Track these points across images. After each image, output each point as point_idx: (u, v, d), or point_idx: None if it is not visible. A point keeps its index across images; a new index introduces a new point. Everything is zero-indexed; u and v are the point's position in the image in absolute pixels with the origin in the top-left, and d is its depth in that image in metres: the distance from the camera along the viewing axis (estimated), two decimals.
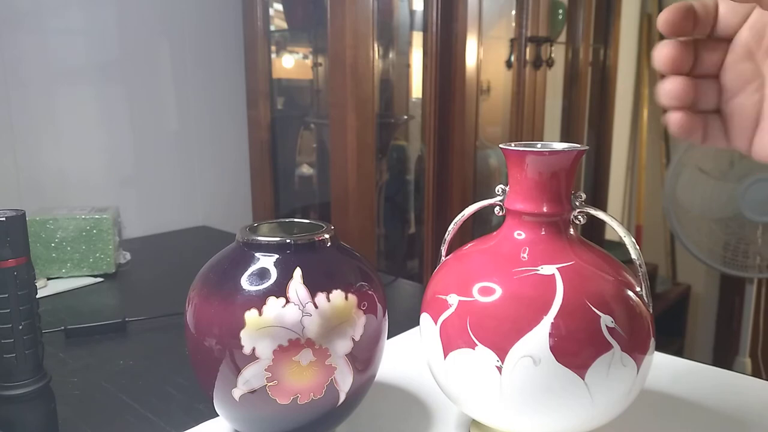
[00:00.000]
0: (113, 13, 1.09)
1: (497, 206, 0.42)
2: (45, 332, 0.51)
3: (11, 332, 0.40)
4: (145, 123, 1.17)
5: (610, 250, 0.42)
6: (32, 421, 0.42)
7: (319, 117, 1.37)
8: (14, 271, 0.40)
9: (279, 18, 1.35)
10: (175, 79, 1.20)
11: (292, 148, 1.39)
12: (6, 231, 0.39)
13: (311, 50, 1.40)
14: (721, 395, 0.52)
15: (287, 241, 0.40)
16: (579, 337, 0.35)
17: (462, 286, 0.39)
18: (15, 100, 0.99)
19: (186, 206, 1.25)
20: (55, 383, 0.44)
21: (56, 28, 1.02)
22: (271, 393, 0.38)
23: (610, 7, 1.71)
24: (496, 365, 0.36)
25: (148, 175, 1.18)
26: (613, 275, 0.38)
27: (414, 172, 1.40)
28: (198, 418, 0.49)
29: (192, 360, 0.41)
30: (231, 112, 1.31)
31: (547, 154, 0.38)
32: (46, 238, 0.84)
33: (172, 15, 1.18)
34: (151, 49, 1.16)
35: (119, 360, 0.60)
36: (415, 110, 1.38)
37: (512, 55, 1.33)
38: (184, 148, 1.23)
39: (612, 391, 0.37)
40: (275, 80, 1.34)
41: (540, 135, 1.38)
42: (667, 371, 0.56)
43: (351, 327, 0.39)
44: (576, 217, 0.40)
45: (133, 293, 0.85)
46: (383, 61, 1.36)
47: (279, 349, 0.37)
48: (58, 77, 1.03)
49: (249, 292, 0.38)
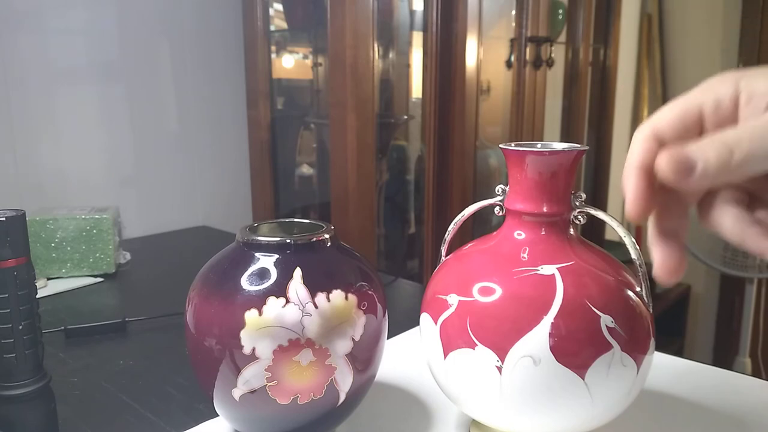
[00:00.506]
0: (113, 13, 1.09)
1: (497, 206, 0.42)
2: (45, 332, 0.51)
3: (11, 332, 0.40)
4: (145, 123, 1.17)
5: (610, 250, 0.42)
6: (32, 421, 0.42)
7: (319, 117, 1.37)
8: (14, 271, 0.40)
9: (279, 18, 1.35)
10: (175, 79, 1.20)
11: (292, 148, 1.39)
12: (6, 231, 0.39)
13: (311, 50, 1.41)
14: (721, 395, 0.52)
15: (287, 241, 0.40)
16: (579, 337, 0.35)
17: (462, 286, 0.39)
18: (15, 100, 0.99)
19: (186, 206, 1.25)
20: (55, 383, 0.44)
21: (56, 28, 1.02)
22: (271, 393, 0.38)
23: (610, 7, 1.71)
24: (496, 365, 0.36)
25: (148, 175, 1.18)
26: (613, 275, 0.38)
27: (414, 172, 1.40)
28: (198, 418, 0.49)
29: (192, 360, 0.41)
30: (231, 112, 1.31)
31: (547, 154, 0.38)
32: (46, 238, 0.84)
33: (172, 15, 1.18)
34: (151, 49, 1.16)
35: (119, 360, 0.60)
36: (415, 110, 1.38)
37: (512, 55, 1.33)
38: (184, 148, 1.23)
39: (612, 391, 0.37)
40: (275, 80, 1.34)
41: (540, 135, 1.38)
42: (667, 371, 0.56)
43: (351, 327, 0.39)
44: (576, 217, 0.40)
45: (133, 293, 0.85)
46: (383, 61, 1.36)
47: (279, 349, 0.37)
48: (58, 77, 1.03)
49: (249, 292, 0.38)
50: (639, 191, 0.32)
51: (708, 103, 0.31)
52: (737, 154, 0.28)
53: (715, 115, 0.31)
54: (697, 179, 0.29)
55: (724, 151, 0.28)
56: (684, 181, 0.29)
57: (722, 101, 0.31)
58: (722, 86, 0.31)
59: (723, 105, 0.31)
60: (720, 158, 0.28)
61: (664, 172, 0.29)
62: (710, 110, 0.31)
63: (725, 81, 0.31)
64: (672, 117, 0.32)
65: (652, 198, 0.32)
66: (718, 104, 0.31)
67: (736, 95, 0.31)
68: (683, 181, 0.29)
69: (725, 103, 0.31)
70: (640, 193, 0.32)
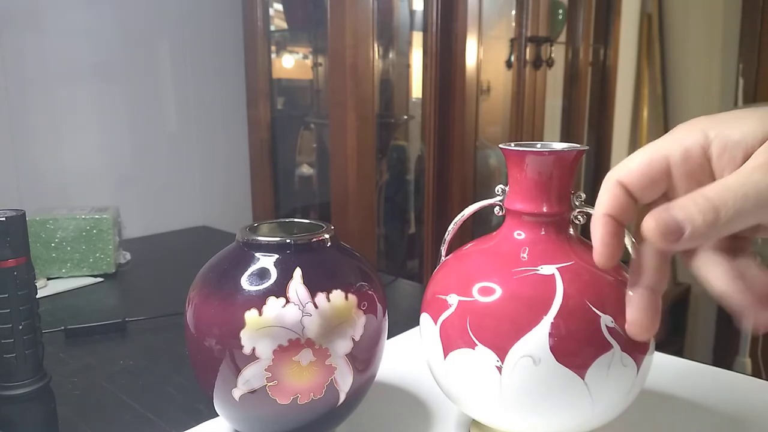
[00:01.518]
0: (113, 13, 1.09)
1: (497, 206, 0.42)
2: (45, 332, 0.51)
3: (11, 332, 0.40)
4: (145, 123, 1.17)
5: None
6: (32, 421, 0.42)
7: (319, 117, 1.38)
8: (14, 271, 0.40)
9: (279, 18, 1.35)
10: (174, 79, 1.20)
11: (292, 148, 1.39)
12: (6, 231, 0.39)
13: (311, 50, 1.41)
14: (721, 395, 0.52)
15: (287, 241, 0.40)
16: (579, 337, 0.35)
17: (462, 286, 0.39)
18: (15, 100, 0.99)
19: (186, 206, 1.25)
20: (55, 383, 0.44)
21: (56, 28, 1.02)
22: (271, 393, 0.38)
23: (610, 7, 1.71)
24: (496, 365, 0.36)
25: (148, 174, 1.18)
26: (613, 275, 0.38)
27: (414, 172, 1.40)
28: (198, 418, 0.49)
29: (192, 360, 0.41)
30: (231, 112, 1.31)
31: (547, 154, 0.38)
32: (46, 238, 0.84)
33: (171, 15, 1.18)
34: (150, 49, 1.16)
35: (119, 360, 0.60)
36: (415, 110, 1.38)
37: (512, 55, 1.33)
38: (184, 148, 1.23)
39: (612, 391, 0.37)
40: (275, 80, 1.34)
41: (540, 135, 1.38)
42: (667, 371, 0.56)
43: (351, 327, 0.39)
44: (576, 217, 0.40)
45: (133, 293, 0.85)
46: (383, 61, 1.36)
47: (279, 349, 0.37)
48: (58, 77, 1.03)
49: (249, 292, 0.38)
50: (605, 238, 0.32)
51: (675, 153, 0.31)
52: (724, 213, 0.27)
53: (683, 165, 0.31)
54: (685, 243, 0.28)
55: (709, 211, 0.27)
56: (671, 246, 0.28)
57: (691, 151, 0.30)
58: (690, 136, 0.30)
59: (692, 155, 0.30)
60: (707, 221, 0.27)
61: (651, 236, 0.28)
62: (678, 161, 0.31)
63: (693, 130, 0.31)
64: (639, 166, 0.32)
65: (618, 245, 0.32)
66: (687, 154, 0.30)
67: (705, 145, 0.30)
68: (670, 245, 0.28)
69: (694, 153, 0.30)
70: (606, 240, 0.32)
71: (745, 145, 0.29)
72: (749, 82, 1.71)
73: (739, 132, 0.29)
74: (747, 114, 0.30)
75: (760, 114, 0.29)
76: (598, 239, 0.32)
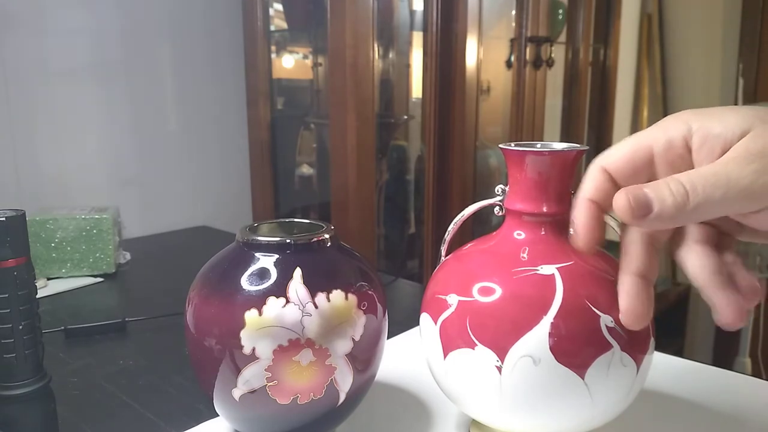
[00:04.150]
0: (113, 13, 1.09)
1: (497, 206, 0.42)
2: (45, 332, 0.51)
3: (11, 332, 0.40)
4: (145, 123, 1.17)
5: (610, 250, 0.41)
6: (32, 421, 0.42)
7: (319, 117, 1.38)
8: (14, 271, 0.40)
9: (279, 18, 1.35)
10: (174, 78, 1.20)
11: (292, 148, 1.39)
12: (6, 231, 0.39)
13: (311, 50, 1.41)
14: (721, 395, 0.52)
15: (287, 241, 0.40)
16: (579, 337, 0.35)
17: (462, 286, 0.39)
18: (15, 100, 0.99)
19: (186, 206, 1.25)
20: (55, 383, 0.44)
21: (56, 28, 1.02)
22: (271, 393, 0.38)
23: (610, 7, 1.71)
24: (496, 365, 0.36)
25: (148, 175, 1.18)
26: (613, 275, 0.38)
27: (414, 172, 1.40)
28: (198, 418, 0.49)
29: (192, 360, 0.41)
30: (231, 112, 1.31)
31: (547, 154, 0.38)
32: (46, 238, 0.84)
33: (172, 15, 1.18)
34: (151, 49, 1.16)
35: (119, 360, 0.60)
36: (415, 110, 1.38)
37: (512, 55, 1.33)
38: (184, 148, 1.23)
39: (612, 391, 0.37)
40: (275, 80, 1.34)
41: (540, 135, 1.38)
42: (667, 371, 0.56)
43: (351, 327, 0.39)
44: None
45: (133, 293, 0.85)
46: (383, 61, 1.36)
47: (279, 349, 0.37)
48: (58, 77, 1.03)
49: (249, 292, 0.38)
50: (586, 222, 0.33)
51: (659, 142, 0.31)
52: (693, 199, 0.28)
53: (666, 154, 0.31)
54: (652, 221, 0.29)
55: (680, 194, 0.28)
56: (639, 222, 0.29)
57: (674, 141, 0.31)
58: (674, 126, 0.31)
59: (674, 145, 0.31)
60: (676, 202, 0.28)
61: (620, 210, 0.29)
62: (661, 149, 0.31)
63: (678, 121, 0.31)
64: (623, 153, 0.32)
65: (598, 229, 0.33)
66: (670, 144, 0.31)
67: (688, 136, 0.31)
68: (638, 221, 0.29)
69: (677, 143, 0.31)
70: (586, 224, 0.33)
71: (724, 138, 0.29)
72: (749, 82, 1.71)
73: (721, 125, 0.30)
74: (731, 110, 0.30)
75: (744, 111, 0.30)
76: (580, 223, 0.33)
